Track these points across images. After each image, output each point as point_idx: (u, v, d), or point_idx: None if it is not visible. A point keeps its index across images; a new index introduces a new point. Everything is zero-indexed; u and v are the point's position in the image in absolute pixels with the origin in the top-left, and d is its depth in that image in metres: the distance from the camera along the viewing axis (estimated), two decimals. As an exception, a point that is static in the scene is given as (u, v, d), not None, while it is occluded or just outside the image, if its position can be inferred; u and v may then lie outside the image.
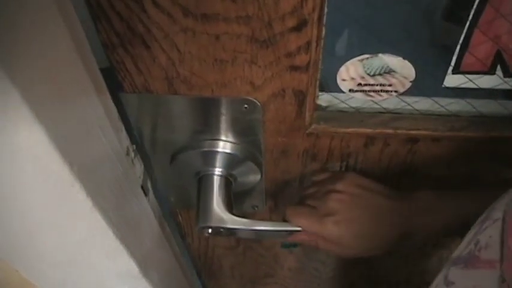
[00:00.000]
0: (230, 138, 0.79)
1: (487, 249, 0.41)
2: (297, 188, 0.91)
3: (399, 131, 0.76)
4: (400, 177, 0.86)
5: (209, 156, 0.81)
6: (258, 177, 0.85)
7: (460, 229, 0.52)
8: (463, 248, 0.46)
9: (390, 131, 0.76)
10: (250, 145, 0.79)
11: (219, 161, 0.82)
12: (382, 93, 0.74)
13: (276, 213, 0.99)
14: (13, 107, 0.41)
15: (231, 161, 0.81)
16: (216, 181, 0.83)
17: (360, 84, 0.73)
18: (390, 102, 0.77)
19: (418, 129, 0.76)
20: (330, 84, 0.73)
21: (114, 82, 0.72)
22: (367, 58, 0.68)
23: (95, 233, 0.60)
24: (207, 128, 0.78)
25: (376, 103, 0.77)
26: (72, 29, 0.50)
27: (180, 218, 1.05)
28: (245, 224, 0.75)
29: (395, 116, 0.78)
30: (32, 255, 0.61)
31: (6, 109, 0.41)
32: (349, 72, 0.71)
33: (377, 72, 0.70)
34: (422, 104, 0.76)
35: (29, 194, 0.50)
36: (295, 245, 0.83)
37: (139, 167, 0.82)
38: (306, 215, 0.71)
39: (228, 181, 0.84)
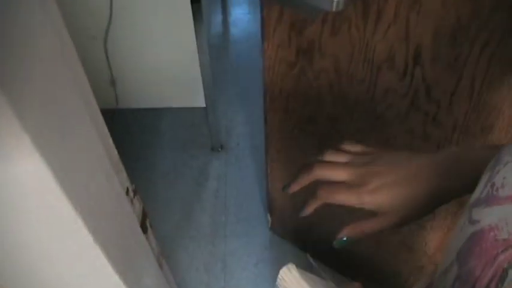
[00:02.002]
0: None
1: (504, 188, 0.44)
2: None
3: None
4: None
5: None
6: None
7: None
8: (479, 192, 0.48)
9: None
10: None
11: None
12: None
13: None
14: (23, 151, 0.47)
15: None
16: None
17: None
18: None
19: None
20: None
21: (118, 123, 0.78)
22: None
23: (96, 268, 0.65)
24: None
25: None
26: (81, 88, 0.57)
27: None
28: None
29: None
30: (39, 284, 0.66)
31: (17, 153, 0.47)
32: None
33: None
34: None
35: (33, 228, 0.55)
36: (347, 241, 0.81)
37: (138, 206, 0.87)
38: (341, 191, 0.68)
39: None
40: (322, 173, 0.70)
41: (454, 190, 0.67)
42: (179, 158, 2.19)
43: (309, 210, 0.70)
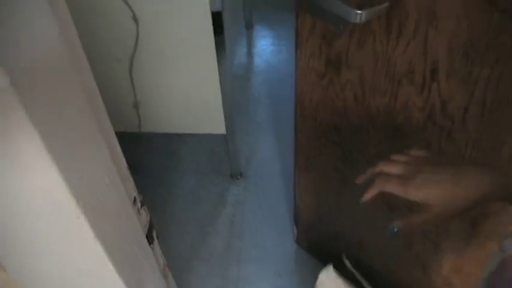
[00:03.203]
0: None
1: None
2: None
3: None
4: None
5: None
6: None
7: None
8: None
9: None
10: None
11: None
12: None
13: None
14: (34, 150, 0.54)
15: None
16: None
17: None
18: None
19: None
20: None
21: (141, 147, 0.85)
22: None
23: (96, 263, 0.70)
24: None
25: None
26: (95, 111, 0.64)
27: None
28: None
29: None
30: (42, 278, 0.72)
31: (28, 152, 0.54)
32: None
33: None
34: None
35: (38, 221, 0.62)
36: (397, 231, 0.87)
37: (145, 217, 0.93)
38: (392, 182, 0.77)
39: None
40: (382, 167, 0.81)
41: (496, 196, 0.74)
42: (198, 183, 2.25)
43: (367, 197, 0.81)
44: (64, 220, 0.63)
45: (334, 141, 1.42)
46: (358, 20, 1.00)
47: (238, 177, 2.29)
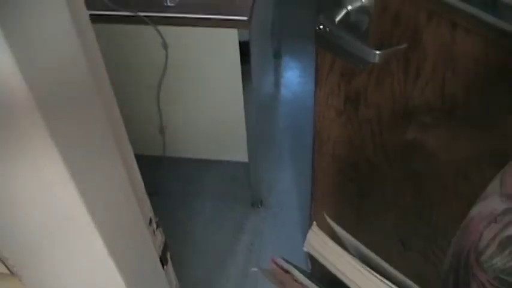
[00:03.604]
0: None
1: None
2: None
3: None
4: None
5: None
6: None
7: None
8: None
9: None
10: None
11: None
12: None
13: None
14: (54, 167, 0.58)
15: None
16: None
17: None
18: None
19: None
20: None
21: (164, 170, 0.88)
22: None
23: (107, 279, 0.73)
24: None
25: None
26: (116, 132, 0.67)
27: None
28: None
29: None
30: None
31: (48, 169, 0.57)
32: None
33: None
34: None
35: (54, 235, 0.65)
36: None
37: (160, 238, 0.96)
38: None
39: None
40: None
41: None
42: (218, 209, 2.28)
43: None
44: (79, 235, 0.66)
45: (351, 178, 1.42)
46: (376, 60, 1.02)
47: (259, 206, 2.30)
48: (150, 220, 0.91)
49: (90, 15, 0.70)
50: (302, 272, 0.84)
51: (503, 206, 0.56)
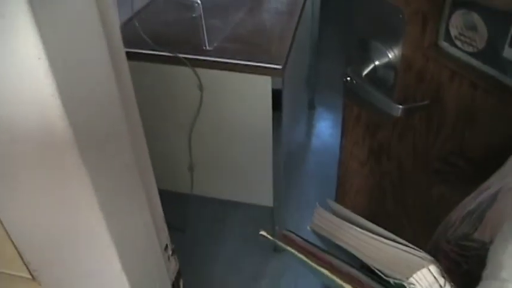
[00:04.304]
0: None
1: None
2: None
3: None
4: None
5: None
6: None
7: None
8: None
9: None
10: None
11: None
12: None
13: None
14: (84, 191, 0.65)
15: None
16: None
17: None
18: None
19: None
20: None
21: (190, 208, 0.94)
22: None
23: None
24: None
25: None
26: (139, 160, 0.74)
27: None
28: None
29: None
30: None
31: (80, 197, 0.64)
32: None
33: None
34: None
35: (75, 247, 0.71)
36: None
37: (174, 265, 1.01)
38: None
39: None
40: None
41: None
42: (240, 251, 2.31)
43: None
44: (98, 252, 0.72)
45: (370, 229, 1.45)
46: (399, 114, 1.07)
47: (281, 251, 2.32)
48: (166, 246, 0.96)
49: (132, 52, 0.78)
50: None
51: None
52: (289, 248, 0.82)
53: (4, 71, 0.56)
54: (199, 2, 1.67)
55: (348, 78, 1.18)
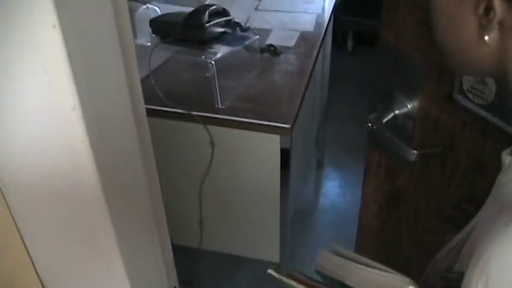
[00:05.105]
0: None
1: None
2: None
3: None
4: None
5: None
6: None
7: None
8: None
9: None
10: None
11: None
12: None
13: None
14: (107, 239, 0.72)
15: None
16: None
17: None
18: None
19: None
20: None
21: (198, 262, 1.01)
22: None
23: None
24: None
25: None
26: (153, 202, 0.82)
27: None
28: None
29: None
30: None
31: (104, 242, 0.72)
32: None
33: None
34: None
35: (92, 278, 0.78)
36: None
37: (181, 310, 1.06)
38: None
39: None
40: None
41: None
42: (246, 307, 2.33)
43: None
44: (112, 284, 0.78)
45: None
46: (414, 159, 1.16)
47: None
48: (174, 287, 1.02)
49: (148, 109, 0.86)
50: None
51: None
52: (295, 285, 0.93)
53: (41, 117, 0.65)
54: (213, 62, 1.76)
55: (370, 124, 1.27)
